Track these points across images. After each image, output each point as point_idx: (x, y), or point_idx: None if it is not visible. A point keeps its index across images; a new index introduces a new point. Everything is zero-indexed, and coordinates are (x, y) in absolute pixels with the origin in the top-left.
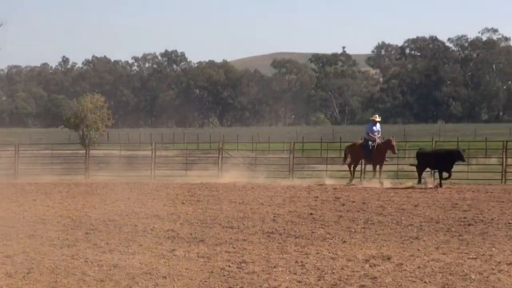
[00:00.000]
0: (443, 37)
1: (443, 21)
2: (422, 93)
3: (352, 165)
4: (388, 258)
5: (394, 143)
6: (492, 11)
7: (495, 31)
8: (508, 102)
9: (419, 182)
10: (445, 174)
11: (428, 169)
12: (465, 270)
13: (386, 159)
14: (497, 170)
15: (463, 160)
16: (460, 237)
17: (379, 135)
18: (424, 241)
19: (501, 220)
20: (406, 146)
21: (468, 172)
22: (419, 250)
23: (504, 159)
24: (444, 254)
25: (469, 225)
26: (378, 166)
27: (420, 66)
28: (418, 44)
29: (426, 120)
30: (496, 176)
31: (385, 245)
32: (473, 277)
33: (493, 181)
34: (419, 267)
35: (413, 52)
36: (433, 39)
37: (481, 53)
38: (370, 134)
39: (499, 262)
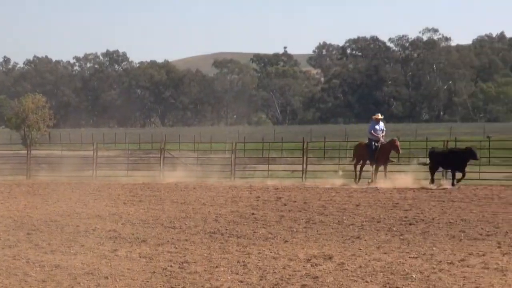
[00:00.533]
0: (384, 37)
1: (384, 21)
2: (363, 93)
3: (358, 166)
4: (330, 258)
5: (398, 143)
6: (432, 11)
7: (435, 31)
8: (449, 102)
9: (432, 182)
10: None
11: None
12: (406, 269)
13: (391, 160)
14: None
15: (477, 158)
16: (401, 237)
17: (383, 134)
18: (365, 240)
19: (442, 220)
20: (348, 146)
21: (409, 171)
22: (360, 249)
23: None
24: (385, 253)
25: (410, 224)
26: (382, 167)
27: (361, 66)
28: (359, 44)
29: (367, 120)
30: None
31: (327, 245)
32: (414, 276)
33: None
34: (360, 267)
35: (354, 52)
36: (374, 39)
37: (422, 53)
38: (372, 132)
39: (440, 261)
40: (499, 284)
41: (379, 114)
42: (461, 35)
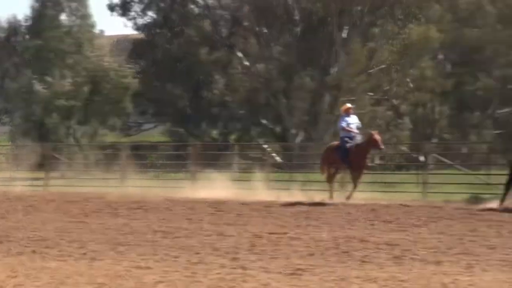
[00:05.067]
0: None
1: None
2: None
3: (328, 176)
4: None
5: (377, 136)
6: None
7: None
8: None
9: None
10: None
11: None
12: None
13: (368, 164)
14: None
15: None
16: None
17: (358, 129)
18: None
19: None
20: None
21: None
22: None
23: None
24: None
25: None
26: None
27: None
28: None
29: None
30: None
31: None
32: None
33: None
34: None
35: None
36: None
37: None
38: (345, 127)
39: None
40: None
41: (349, 104)
42: None
